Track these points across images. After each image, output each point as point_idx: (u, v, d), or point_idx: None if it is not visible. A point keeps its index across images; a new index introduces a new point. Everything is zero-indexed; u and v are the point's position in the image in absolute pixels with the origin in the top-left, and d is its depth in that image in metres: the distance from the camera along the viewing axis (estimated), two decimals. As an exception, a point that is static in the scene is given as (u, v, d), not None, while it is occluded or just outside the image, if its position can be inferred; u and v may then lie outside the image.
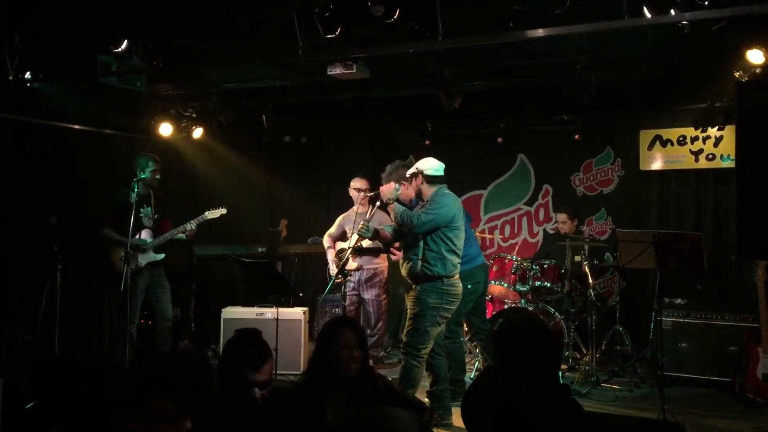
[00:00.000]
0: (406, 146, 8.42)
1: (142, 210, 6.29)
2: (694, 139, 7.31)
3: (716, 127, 6.91)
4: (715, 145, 7.22)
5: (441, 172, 5.23)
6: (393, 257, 6.46)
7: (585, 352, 6.90)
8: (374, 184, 6.08)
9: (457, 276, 5.16)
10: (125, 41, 5.26)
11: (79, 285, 6.58)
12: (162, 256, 6.36)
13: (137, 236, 6.21)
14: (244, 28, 5.34)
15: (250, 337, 3.03)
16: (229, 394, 2.85)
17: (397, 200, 5.27)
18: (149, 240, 6.31)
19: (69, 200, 6.63)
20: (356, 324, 3.62)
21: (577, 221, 7.36)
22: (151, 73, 5.93)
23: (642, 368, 6.65)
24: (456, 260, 5.12)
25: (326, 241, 6.96)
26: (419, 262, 5.06)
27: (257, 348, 2.97)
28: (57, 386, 5.05)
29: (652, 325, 6.47)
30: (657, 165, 7.54)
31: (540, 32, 4.52)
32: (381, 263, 7.05)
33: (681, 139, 7.39)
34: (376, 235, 5.48)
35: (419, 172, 5.18)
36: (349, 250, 5.64)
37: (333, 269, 6.74)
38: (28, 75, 5.68)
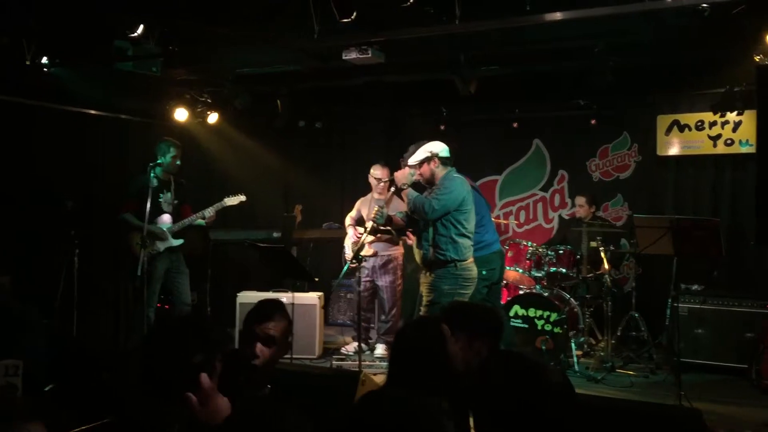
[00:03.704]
0: (421, 131, 8.38)
1: (161, 195, 6.31)
2: (712, 124, 7.24)
3: (735, 112, 6.83)
4: (734, 130, 7.14)
5: (449, 154, 5.24)
6: (408, 241, 6.47)
7: (600, 338, 6.90)
8: (392, 170, 6.08)
9: (471, 259, 5.15)
10: (141, 26, 5.26)
11: (97, 269, 6.63)
12: (180, 241, 6.39)
13: (156, 221, 6.25)
14: (260, 12, 5.32)
15: (266, 300, 3.18)
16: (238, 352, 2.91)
17: (413, 185, 5.26)
18: (168, 225, 6.34)
19: (85, 185, 6.68)
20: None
21: (594, 208, 7.32)
22: (166, 58, 5.94)
23: (657, 354, 6.62)
24: (468, 243, 5.12)
25: (348, 221, 7.04)
26: (431, 249, 5.06)
27: (266, 306, 3.08)
28: (74, 370, 5.10)
29: (668, 311, 6.44)
30: (674, 150, 7.48)
31: (558, 16, 4.48)
32: (396, 250, 7.06)
33: (699, 124, 7.31)
34: (389, 221, 5.49)
35: (434, 155, 5.16)
36: (364, 236, 5.67)
37: (348, 253, 6.78)
38: (44, 60, 5.70)
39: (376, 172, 6.91)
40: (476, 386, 2.02)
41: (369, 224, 5.59)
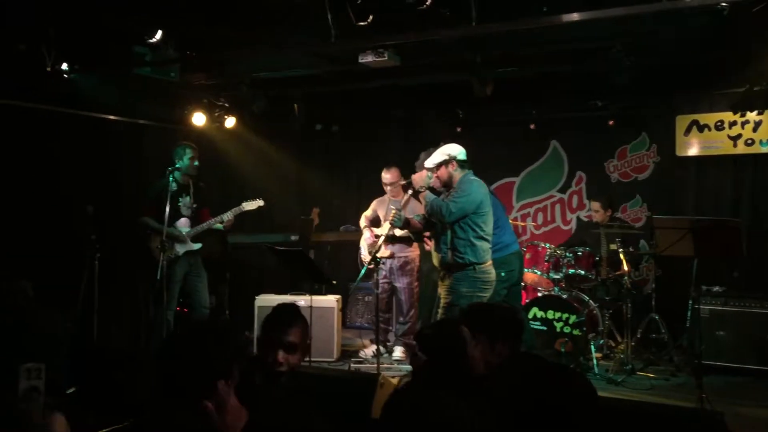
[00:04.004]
0: (437, 134, 8.36)
1: (180, 199, 6.37)
2: (732, 124, 7.17)
3: (755, 112, 6.77)
4: (754, 129, 7.08)
5: (466, 156, 5.22)
6: (426, 247, 6.47)
7: (620, 340, 6.85)
8: (406, 172, 6.08)
9: (490, 262, 5.14)
10: (159, 32, 5.30)
11: (117, 273, 6.68)
12: (199, 245, 6.45)
13: (174, 225, 6.30)
14: (276, 16, 5.34)
15: (283, 305, 3.13)
16: (259, 359, 2.91)
17: (430, 188, 5.25)
18: (187, 229, 6.39)
19: (105, 189, 6.73)
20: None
21: (611, 210, 7.27)
22: (184, 63, 5.99)
23: (678, 357, 6.56)
24: (486, 246, 5.10)
25: (363, 221, 7.06)
26: (449, 252, 5.05)
27: (285, 312, 3.06)
28: (96, 373, 5.14)
29: (688, 313, 6.38)
30: (694, 151, 7.42)
31: (575, 16, 4.46)
32: (413, 251, 7.06)
33: (719, 124, 7.25)
34: (407, 224, 5.49)
35: (452, 158, 5.15)
36: (381, 238, 5.67)
37: (365, 255, 6.79)
38: (64, 66, 5.76)
39: (386, 176, 6.93)
40: (496, 388, 2.02)
41: (386, 226, 5.58)
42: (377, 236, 6.73)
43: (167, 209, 5.96)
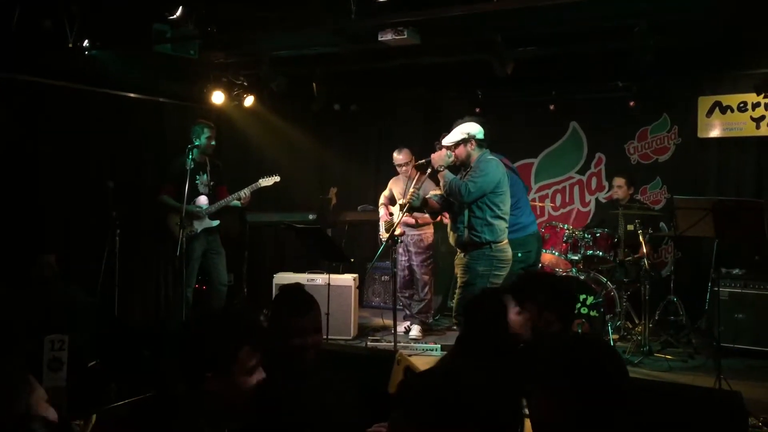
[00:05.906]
0: (456, 114, 8.31)
1: (198, 177, 6.41)
2: (755, 105, 7.07)
3: (779, 93, 6.66)
4: (778, 111, 6.97)
5: (484, 136, 5.20)
6: (445, 220, 6.45)
7: (637, 322, 6.82)
8: (425, 152, 6.07)
9: (506, 241, 5.13)
10: (180, 8, 5.31)
11: (137, 249, 6.76)
12: (217, 222, 6.50)
13: (193, 203, 6.35)
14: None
15: (293, 289, 3.06)
16: (280, 345, 2.89)
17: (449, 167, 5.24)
18: (205, 206, 6.44)
19: (125, 166, 6.79)
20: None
21: (633, 190, 7.21)
22: (204, 40, 5.99)
23: (696, 339, 6.53)
24: (503, 225, 5.09)
25: (381, 199, 7.10)
26: (466, 230, 5.05)
27: (297, 296, 2.97)
28: (117, 346, 5.23)
29: (707, 295, 6.34)
30: (716, 132, 7.33)
31: (597, -7, 4.40)
32: (428, 230, 7.08)
33: (742, 105, 7.15)
34: (425, 203, 5.49)
35: (471, 137, 5.13)
36: (402, 214, 5.70)
37: (383, 233, 6.82)
38: (86, 43, 5.79)
39: (398, 156, 6.94)
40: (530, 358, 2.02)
41: (404, 201, 5.58)
42: (392, 214, 6.77)
43: (186, 187, 6.01)
